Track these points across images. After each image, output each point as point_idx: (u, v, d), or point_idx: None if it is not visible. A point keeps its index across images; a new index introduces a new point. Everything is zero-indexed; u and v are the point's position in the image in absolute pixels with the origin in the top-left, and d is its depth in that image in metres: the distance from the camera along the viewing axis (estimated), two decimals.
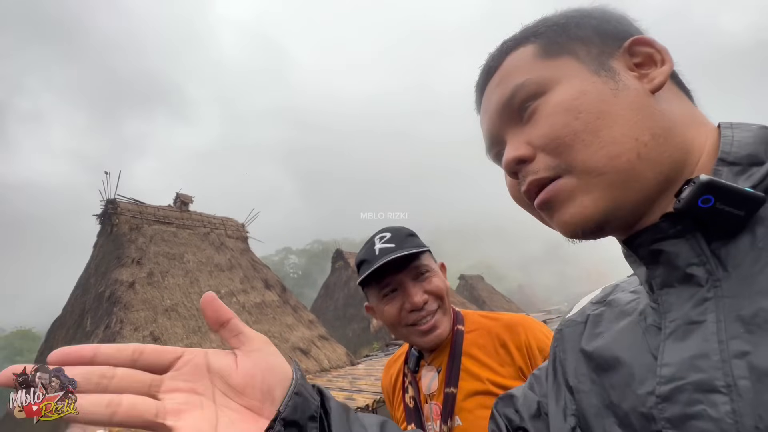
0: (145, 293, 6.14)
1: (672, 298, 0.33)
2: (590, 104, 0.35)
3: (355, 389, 5.21)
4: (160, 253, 7.01)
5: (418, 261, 0.87)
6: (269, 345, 0.37)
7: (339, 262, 15.98)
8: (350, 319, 13.99)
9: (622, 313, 0.40)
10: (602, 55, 0.37)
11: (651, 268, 0.35)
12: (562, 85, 0.36)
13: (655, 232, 0.34)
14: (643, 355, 0.34)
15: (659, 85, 0.35)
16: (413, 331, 0.87)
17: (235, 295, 7.28)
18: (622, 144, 0.34)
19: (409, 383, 0.92)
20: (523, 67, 0.38)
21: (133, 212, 7.35)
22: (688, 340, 0.31)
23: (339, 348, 7.86)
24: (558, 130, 0.35)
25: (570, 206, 0.35)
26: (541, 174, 0.36)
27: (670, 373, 0.31)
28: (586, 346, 0.41)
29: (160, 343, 3.81)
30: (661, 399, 0.31)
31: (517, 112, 0.38)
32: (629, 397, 0.34)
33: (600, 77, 0.36)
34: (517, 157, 0.37)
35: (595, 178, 0.34)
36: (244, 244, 9.02)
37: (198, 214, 8.49)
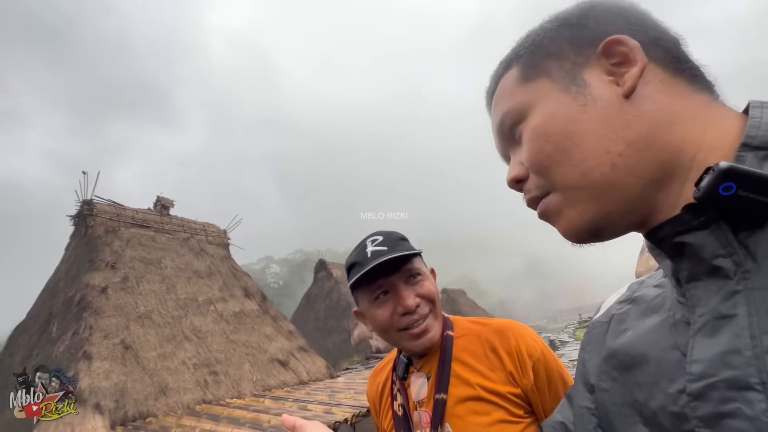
0: (118, 299, 5.89)
1: (700, 291, 0.32)
2: (559, 126, 0.36)
3: (334, 402, 5.10)
4: (137, 258, 6.77)
5: (411, 264, 0.86)
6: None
7: (322, 272, 15.79)
8: (331, 331, 13.76)
9: (648, 309, 0.40)
10: (575, 67, 0.37)
11: (676, 261, 0.34)
12: (536, 109, 0.38)
13: (676, 225, 0.33)
14: (671, 352, 0.33)
15: (630, 90, 0.35)
16: (405, 335, 0.85)
17: (213, 303, 7.08)
18: (593, 159, 0.35)
19: (398, 390, 0.90)
20: (507, 95, 0.41)
21: (110, 214, 7.11)
22: (719, 335, 0.30)
23: (319, 360, 7.71)
24: (534, 154, 0.38)
25: (560, 219, 0.38)
26: (533, 192, 0.39)
27: (701, 370, 0.30)
28: (611, 343, 0.41)
29: (131, 351, 3.68)
30: (693, 397, 0.30)
31: (511, 135, 0.41)
32: (657, 395, 0.33)
33: (570, 94, 0.37)
34: (514, 178, 0.40)
35: (575, 193, 0.36)
36: (225, 250, 8.82)
37: (178, 218, 8.28)
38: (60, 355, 5.05)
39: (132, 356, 5.29)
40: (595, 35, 0.37)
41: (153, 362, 5.41)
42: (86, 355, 5.00)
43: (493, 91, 0.44)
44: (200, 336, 6.31)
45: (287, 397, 5.64)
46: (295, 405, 5.13)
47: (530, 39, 0.41)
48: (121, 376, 4.98)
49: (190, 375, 5.62)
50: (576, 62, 0.38)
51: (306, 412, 4.76)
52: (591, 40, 0.38)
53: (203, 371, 5.81)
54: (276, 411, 4.84)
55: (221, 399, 5.57)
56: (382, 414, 0.96)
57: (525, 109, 0.39)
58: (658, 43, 0.37)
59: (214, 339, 6.42)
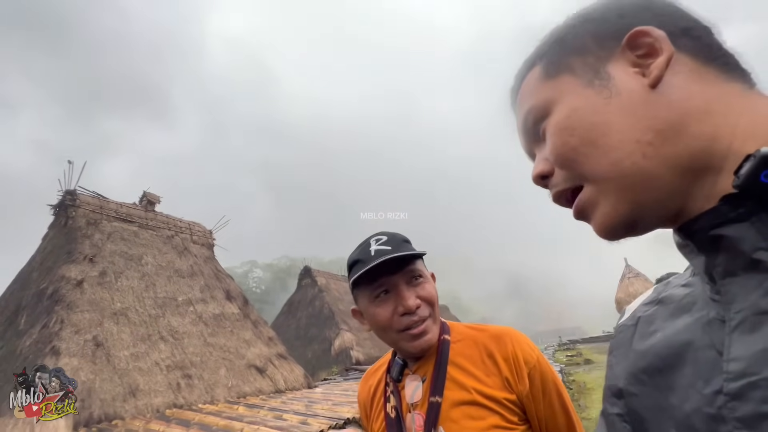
0: (93, 293, 5.70)
1: (736, 287, 0.31)
2: (582, 119, 0.36)
3: (311, 413, 4.97)
4: (117, 252, 6.58)
5: (413, 265, 0.86)
6: None
7: (306, 279, 15.59)
8: (311, 340, 13.53)
9: (677, 309, 0.38)
10: (599, 61, 0.37)
11: (710, 256, 0.32)
12: (560, 105, 0.38)
13: (713, 217, 0.31)
14: (706, 351, 0.32)
15: (656, 79, 0.34)
16: (403, 335, 0.85)
17: (193, 303, 6.90)
18: (622, 149, 0.34)
19: (391, 392, 0.89)
20: (531, 92, 0.41)
21: (93, 206, 6.92)
22: (759, 331, 0.28)
23: (297, 369, 7.55)
24: (559, 148, 0.38)
25: (597, 214, 0.37)
26: (560, 186, 0.39)
27: (740, 368, 0.29)
28: (639, 346, 0.39)
29: (102, 349, 3.56)
30: (731, 397, 0.29)
31: (535, 132, 0.41)
32: (693, 397, 0.32)
33: (593, 88, 0.36)
34: (538, 174, 0.40)
35: (607, 184, 0.35)
36: (209, 251, 8.65)
37: (164, 215, 8.11)
38: (26, 349, 4.82)
39: (103, 354, 5.09)
40: (619, 28, 0.37)
41: (124, 362, 5.22)
42: (54, 351, 4.78)
43: (517, 89, 0.44)
44: (176, 337, 6.12)
45: (262, 405, 5.48)
46: (270, 414, 4.99)
47: (553, 36, 0.41)
48: (90, 375, 4.78)
49: (163, 377, 5.42)
50: (599, 56, 0.37)
51: (281, 422, 4.63)
52: (615, 33, 0.37)
53: (177, 374, 5.61)
54: (250, 419, 4.70)
55: (193, 404, 5.38)
56: (373, 416, 0.94)
57: (548, 105, 0.39)
58: (688, 33, 0.36)
59: (190, 341, 6.24)
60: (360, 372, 10.69)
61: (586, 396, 9.68)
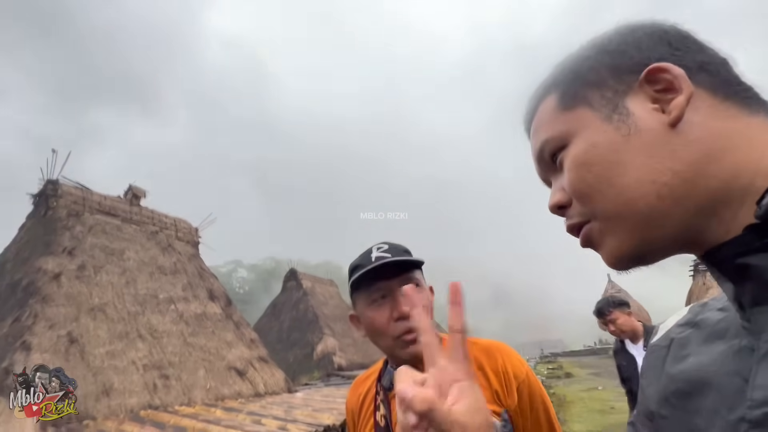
0: (71, 287, 5.52)
1: (765, 317, 0.31)
2: (601, 156, 0.36)
3: (290, 419, 4.89)
4: (98, 246, 6.40)
5: (412, 273, 0.88)
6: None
7: (291, 282, 15.42)
8: (294, 344, 13.34)
9: (711, 334, 0.38)
10: (617, 96, 0.36)
11: (739, 284, 0.32)
12: (578, 138, 0.38)
13: (737, 246, 0.32)
14: (733, 378, 0.32)
15: (676, 119, 0.34)
16: (398, 342, 0.85)
17: (175, 302, 6.75)
18: (637, 189, 0.34)
19: (381, 401, 0.89)
20: (547, 123, 0.41)
21: (76, 197, 6.73)
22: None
23: (278, 372, 7.42)
24: (576, 184, 0.37)
25: (602, 247, 0.38)
26: (575, 219, 0.39)
27: (763, 396, 0.29)
28: (671, 369, 0.40)
29: (76, 346, 3.43)
30: (752, 424, 0.29)
31: (551, 162, 0.41)
32: (717, 423, 0.33)
33: (612, 124, 0.36)
34: (556, 204, 0.40)
35: (617, 222, 0.35)
36: (194, 249, 8.49)
37: (149, 210, 7.94)
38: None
39: (77, 351, 4.92)
40: (637, 62, 0.36)
41: (99, 359, 5.05)
42: (25, 346, 4.61)
43: (531, 115, 0.43)
44: (155, 336, 5.96)
45: (241, 409, 5.37)
46: (249, 418, 4.88)
47: (567, 65, 0.41)
48: None
49: (139, 376, 5.27)
50: (617, 90, 0.37)
51: (259, 427, 4.54)
52: (632, 68, 0.36)
53: (153, 374, 5.46)
54: (227, 423, 4.59)
55: (169, 405, 5.24)
56: (361, 424, 0.94)
57: (565, 137, 0.39)
58: (706, 68, 0.35)
59: (170, 340, 6.09)
60: (342, 378, 10.57)
61: (565, 409, 9.75)
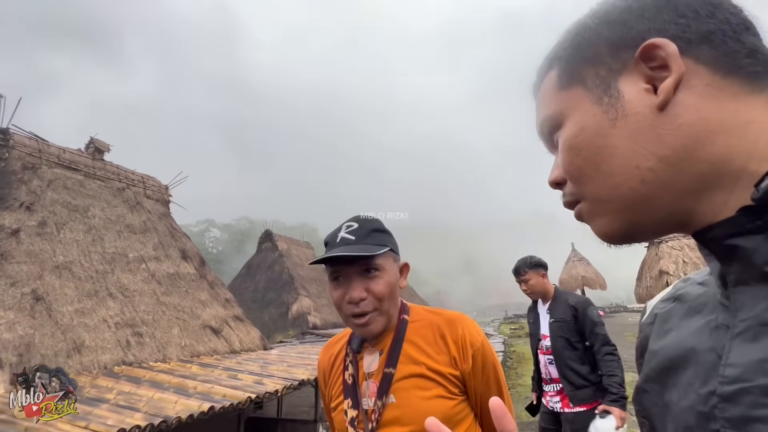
0: (32, 244, 5.28)
1: (745, 296, 0.31)
2: (589, 141, 0.36)
3: (266, 374, 5.08)
4: (59, 202, 6.07)
5: (373, 259, 0.92)
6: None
7: (266, 243, 15.36)
8: (269, 303, 13.53)
9: (691, 308, 0.39)
10: (610, 75, 0.36)
11: (725, 263, 0.33)
12: (569, 121, 0.38)
13: (729, 227, 0.31)
14: (708, 354, 0.33)
15: (663, 103, 0.33)
16: (350, 321, 0.94)
17: (146, 261, 6.61)
18: (621, 174, 0.34)
19: (350, 362, 0.98)
20: (546, 100, 0.41)
21: (31, 149, 6.25)
22: (760, 342, 0.29)
23: (253, 331, 7.58)
24: (566, 167, 0.39)
25: (592, 224, 0.39)
26: (567, 198, 0.41)
27: (735, 373, 0.30)
28: (654, 345, 0.41)
29: (42, 303, 3.38)
30: (723, 399, 0.30)
31: (550, 140, 0.42)
32: (689, 395, 0.34)
33: (602, 106, 0.35)
34: (553, 181, 0.42)
35: (603, 205, 0.37)
36: (164, 207, 8.21)
37: (114, 165, 7.52)
38: None
39: (43, 308, 4.81)
40: (636, 34, 0.34)
41: (68, 317, 4.97)
42: None
43: (537, 88, 0.43)
44: (126, 294, 5.88)
45: (217, 365, 5.51)
46: (225, 373, 5.03)
47: (570, 38, 0.39)
48: (28, 329, 4.52)
49: (111, 334, 5.25)
50: (612, 69, 0.36)
51: (235, 381, 4.70)
52: (630, 42, 0.35)
53: (126, 331, 5.45)
54: (203, 378, 4.72)
55: (144, 362, 5.29)
56: (331, 382, 1.03)
57: (560, 118, 0.39)
58: (710, 38, 0.33)
59: (142, 299, 6.03)
60: (316, 336, 10.93)
61: (523, 365, 10.64)
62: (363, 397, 0.92)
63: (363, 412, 0.90)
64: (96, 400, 3.75)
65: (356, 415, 0.91)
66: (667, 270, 11.53)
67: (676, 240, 11.78)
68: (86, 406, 3.47)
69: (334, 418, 0.98)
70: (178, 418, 3.45)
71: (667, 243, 11.88)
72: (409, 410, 0.87)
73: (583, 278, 21.54)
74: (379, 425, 0.88)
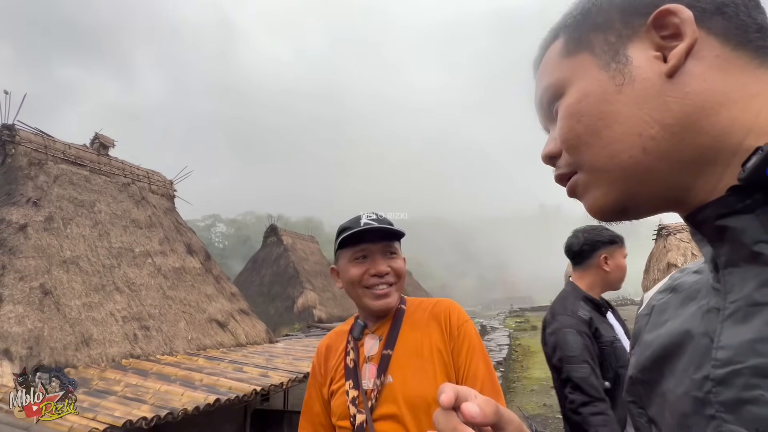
0: (39, 239, 5.33)
1: (735, 278, 0.31)
2: (592, 106, 0.35)
3: (271, 366, 5.12)
4: (66, 197, 6.12)
5: (392, 242, 1.04)
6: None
7: (272, 237, 15.42)
8: (274, 297, 13.63)
9: (686, 297, 0.39)
10: (619, 41, 0.35)
11: (716, 246, 0.32)
12: (573, 87, 0.37)
13: (719, 207, 0.31)
14: (701, 339, 0.33)
15: (673, 69, 0.32)
16: (368, 293, 1.02)
17: (152, 255, 6.67)
18: (623, 142, 0.33)
19: (351, 348, 1.05)
20: (549, 69, 0.40)
21: (37, 144, 6.30)
22: (750, 322, 0.29)
23: (259, 324, 7.63)
24: (565, 134, 0.37)
25: (586, 198, 0.38)
26: (562, 170, 0.39)
27: (727, 356, 0.29)
28: (649, 335, 0.40)
29: (50, 297, 3.38)
30: (716, 382, 0.30)
31: (549, 111, 0.40)
32: (685, 382, 0.33)
33: (608, 72, 0.35)
34: (547, 154, 0.40)
35: (601, 175, 0.35)
36: (169, 202, 8.26)
37: (119, 160, 7.56)
38: None
39: (52, 302, 4.87)
40: (649, 2, 0.34)
41: (76, 311, 5.03)
42: None
43: (539, 60, 0.42)
44: (133, 289, 5.94)
45: (223, 358, 5.56)
46: (231, 366, 5.08)
47: (579, 6, 0.39)
48: (37, 323, 4.58)
49: (118, 328, 5.31)
50: (621, 35, 0.35)
51: (241, 374, 4.74)
52: (643, 9, 0.34)
53: (133, 325, 5.51)
54: (209, 370, 4.76)
55: (151, 354, 5.35)
56: (332, 366, 1.09)
57: (563, 85, 0.38)
58: (724, 10, 0.33)
59: (148, 293, 6.09)
60: (321, 329, 11.00)
61: (529, 358, 10.62)
62: (363, 379, 0.98)
63: (363, 392, 0.96)
64: (104, 392, 3.80)
65: (357, 395, 0.96)
66: (675, 262, 11.40)
67: (684, 233, 11.62)
68: (94, 398, 3.52)
69: (334, 401, 1.03)
70: (185, 410, 3.49)
71: (675, 235, 11.73)
72: (406, 388, 0.93)
73: None
74: (378, 403, 0.94)
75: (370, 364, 0.99)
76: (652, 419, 0.38)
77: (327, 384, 1.06)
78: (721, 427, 0.29)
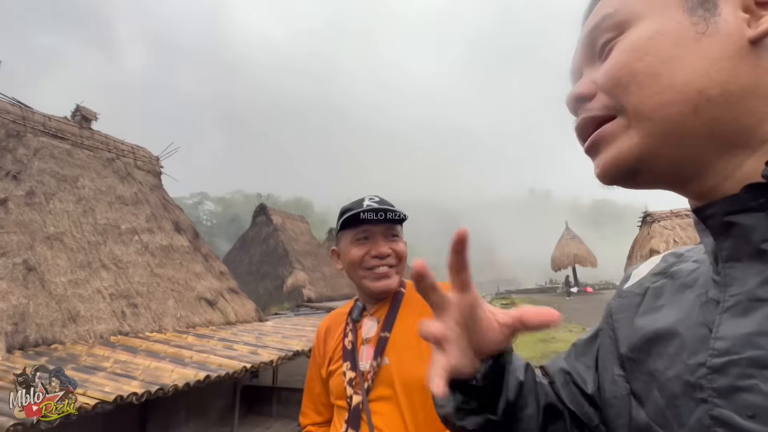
0: (21, 214, 5.19)
1: (737, 272, 0.31)
2: (662, 46, 0.32)
3: (261, 345, 5.17)
4: (47, 172, 5.94)
5: (394, 225, 1.04)
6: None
7: (261, 216, 15.31)
8: (264, 276, 13.65)
9: (683, 285, 0.39)
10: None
11: (720, 240, 0.32)
12: (644, 22, 0.33)
13: (732, 203, 0.31)
14: (699, 328, 0.33)
15: (760, 35, 0.30)
16: (369, 274, 1.01)
17: (138, 233, 6.57)
18: (680, 93, 0.31)
19: (350, 330, 1.06)
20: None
21: (14, 116, 6.04)
22: (749, 317, 0.30)
23: (248, 303, 7.67)
24: (618, 69, 0.33)
25: (610, 148, 0.35)
26: (594, 112, 0.35)
27: (725, 347, 0.30)
28: (643, 318, 0.40)
29: (34, 274, 3.35)
30: (712, 370, 0.31)
31: (596, 47, 0.36)
32: (677, 365, 0.34)
33: (692, 17, 0.32)
34: (577, 94, 0.36)
35: (641, 122, 0.32)
36: (155, 179, 8.08)
37: (102, 134, 7.32)
38: None
39: (36, 279, 4.79)
40: None
41: (62, 288, 4.97)
42: None
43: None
44: (120, 266, 5.87)
45: (212, 336, 5.59)
46: (220, 344, 5.12)
47: None
48: (22, 299, 4.52)
49: (106, 305, 5.27)
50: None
51: (231, 351, 4.79)
52: None
53: (121, 302, 5.48)
54: (199, 348, 4.80)
55: (140, 332, 5.36)
56: (330, 347, 1.10)
57: (631, 19, 0.34)
58: None
59: (136, 270, 6.03)
60: (311, 309, 11.11)
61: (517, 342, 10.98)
62: (360, 361, 0.99)
63: (360, 374, 0.97)
64: (93, 368, 3.80)
65: (354, 377, 0.98)
66: (658, 249, 11.75)
67: (668, 220, 11.93)
68: (83, 374, 3.53)
69: (332, 381, 1.04)
70: (175, 386, 3.53)
71: (659, 222, 12.04)
72: (401, 370, 0.95)
73: (575, 256, 21.93)
74: (374, 384, 0.95)
75: (368, 345, 1.00)
76: (634, 392, 0.39)
77: (326, 365, 1.07)
78: (711, 411, 0.30)
